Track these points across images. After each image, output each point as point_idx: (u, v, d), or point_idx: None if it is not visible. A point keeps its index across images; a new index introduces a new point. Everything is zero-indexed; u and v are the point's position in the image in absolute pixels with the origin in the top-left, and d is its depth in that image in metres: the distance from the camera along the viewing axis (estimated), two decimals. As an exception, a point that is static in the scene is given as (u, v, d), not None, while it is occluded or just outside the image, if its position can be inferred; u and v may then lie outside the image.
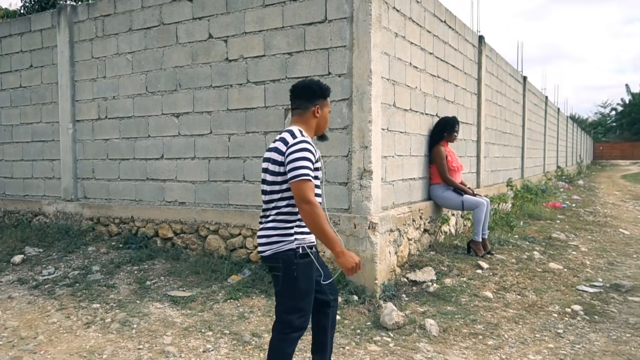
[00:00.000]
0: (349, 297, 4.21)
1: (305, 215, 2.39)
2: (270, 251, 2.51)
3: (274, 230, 2.51)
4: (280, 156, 2.46)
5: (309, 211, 2.38)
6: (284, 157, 2.44)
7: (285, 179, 2.45)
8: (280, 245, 2.49)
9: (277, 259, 2.49)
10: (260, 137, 4.91)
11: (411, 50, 5.12)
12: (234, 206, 5.12)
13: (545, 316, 4.05)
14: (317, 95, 2.65)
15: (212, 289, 4.53)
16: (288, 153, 2.43)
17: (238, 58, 4.99)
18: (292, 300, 2.52)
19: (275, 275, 2.53)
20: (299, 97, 2.64)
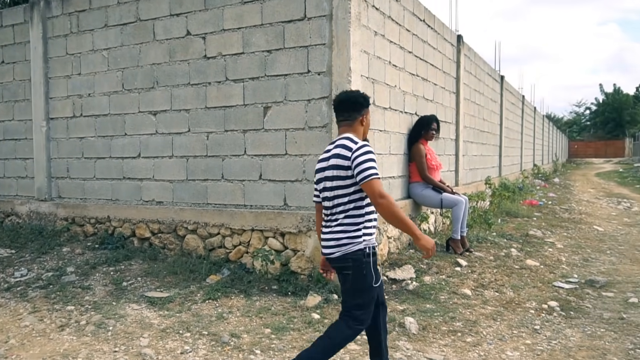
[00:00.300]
0: (329, 296, 4.20)
1: (383, 209, 2.54)
2: (339, 252, 2.65)
3: (343, 232, 2.65)
4: (346, 161, 2.61)
5: (387, 204, 2.53)
6: (350, 161, 2.59)
7: (354, 182, 2.60)
8: (350, 247, 2.63)
9: (346, 259, 2.64)
10: (239, 135, 4.86)
11: (390, 49, 5.13)
12: (213, 205, 5.07)
13: (523, 312, 4.11)
14: (364, 106, 2.84)
15: (190, 290, 4.47)
16: (354, 157, 2.59)
17: (216, 55, 4.93)
18: (361, 297, 2.67)
19: (345, 274, 2.68)
20: (346, 110, 2.81)
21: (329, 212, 2.73)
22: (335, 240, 2.66)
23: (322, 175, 2.76)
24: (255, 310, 4.04)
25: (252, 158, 4.80)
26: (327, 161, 2.73)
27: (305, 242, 4.48)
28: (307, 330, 3.68)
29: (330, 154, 2.72)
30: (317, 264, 4.42)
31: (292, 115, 4.54)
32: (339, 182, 2.64)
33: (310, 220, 4.41)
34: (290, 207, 4.61)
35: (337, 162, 2.64)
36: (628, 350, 3.41)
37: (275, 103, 4.62)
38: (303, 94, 4.46)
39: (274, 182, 4.68)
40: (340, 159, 2.63)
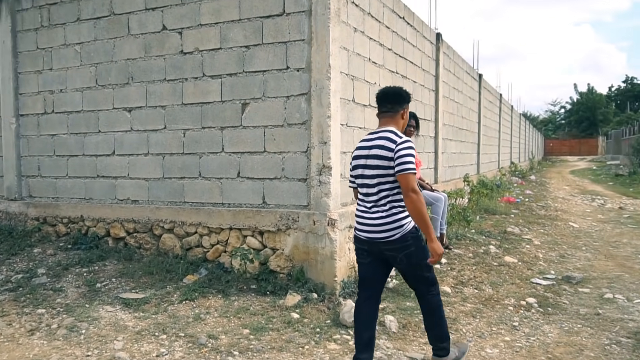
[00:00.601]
0: (309, 295, 4.15)
1: (411, 203, 2.72)
2: (398, 234, 2.82)
3: (394, 216, 2.84)
4: (390, 152, 2.79)
5: (416, 199, 2.72)
6: (393, 153, 2.78)
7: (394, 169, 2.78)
8: (406, 227, 2.83)
9: (406, 239, 2.83)
10: (216, 132, 4.76)
11: (370, 46, 5.10)
12: (190, 204, 4.96)
13: (502, 309, 4.12)
14: (406, 100, 3.03)
15: (166, 290, 4.37)
16: (398, 149, 2.77)
17: (193, 51, 4.83)
18: (426, 265, 2.92)
19: (407, 253, 2.86)
20: (390, 102, 2.98)
21: (371, 198, 2.89)
22: (389, 224, 2.82)
23: (359, 162, 2.94)
24: (234, 310, 3.97)
25: (230, 155, 4.71)
26: (368, 150, 2.89)
27: (285, 241, 4.42)
28: (287, 330, 3.63)
29: (372, 144, 2.88)
30: (297, 262, 4.36)
31: (271, 112, 4.47)
32: (382, 171, 2.82)
33: (289, 219, 4.35)
34: (269, 205, 4.54)
35: (381, 152, 2.82)
36: (604, 346, 3.44)
37: (254, 99, 4.54)
38: (282, 91, 4.40)
39: (253, 180, 4.61)
40: (384, 150, 2.81)
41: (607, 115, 54.66)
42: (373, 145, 2.88)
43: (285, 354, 3.29)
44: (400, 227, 2.82)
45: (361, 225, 2.95)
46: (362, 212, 2.95)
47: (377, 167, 2.84)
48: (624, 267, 5.62)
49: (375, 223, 2.86)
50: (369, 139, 2.94)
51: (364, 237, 2.93)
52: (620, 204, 11.97)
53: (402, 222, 2.82)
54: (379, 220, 2.85)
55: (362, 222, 2.94)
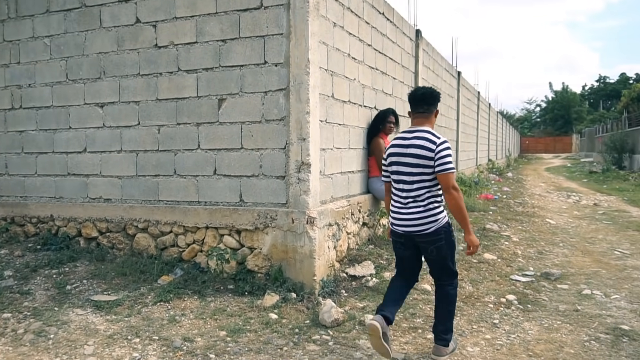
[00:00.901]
0: (287, 295, 4.06)
1: (452, 199, 3.00)
2: (433, 227, 3.06)
3: (431, 210, 3.07)
4: (430, 152, 3.00)
5: (457, 196, 3.00)
6: (434, 153, 2.99)
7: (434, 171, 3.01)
8: (439, 222, 3.07)
9: (439, 233, 3.07)
10: (192, 128, 4.63)
11: (350, 41, 5.02)
12: (165, 202, 4.82)
13: (482, 307, 4.10)
14: (438, 101, 3.21)
15: (140, 292, 4.23)
16: (439, 150, 2.99)
17: (168, 44, 4.68)
18: (453, 258, 3.20)
19: (438, 246, 3.10)
20: (426, 102, 3.16)
21: (409, 194, 3.11)
22: (425, 218, 3.06)
23: (396, 159, 3.16)
24: (210, 311, 3.86)
25: (206, 152, 4.58)
26: (405, 148, 3.10)
27: (263, 240, 4.32)
28: (265, 331, 3.53)
29: (410, 143, 3.09)
30: (275, 262, 4.27)
31: (248, 107, 4.36)
32: (422, 169, 3.04)
33: (267, 217, 4.26)
34: (247, 203, 4.43)
35: (421, 152, 3.03)
36: (584, 342, 3.44)
37: (231, 95, 4.42)
38: (259, 86, 4.29)
39: (229, 178, 4.49)
40: (424, 149, 3.02)
41: (581, 113, 55.85)
42: (411, 144, 3.08)
43: (264, 356, 3.20)
44: (435, 222, 3.06)
45: (397, 220, 3.17)
46: (399, 208, 3.16)
47: (416, 166, 3.05)
48: (600, 263, 5.68)
49: (411, 217, 3.09)
50: (406, 137, 3.14)
51: (400, 231, 3.16)
52: (594, 201, 12.18)
53: (437, 217, 3.07)
54: (416, 215, 3.07)
55: (398, 217, 3.16)
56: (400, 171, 3.13)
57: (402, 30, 6.88)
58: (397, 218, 3.16)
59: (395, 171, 3.17)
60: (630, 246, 6.71)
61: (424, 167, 3.03)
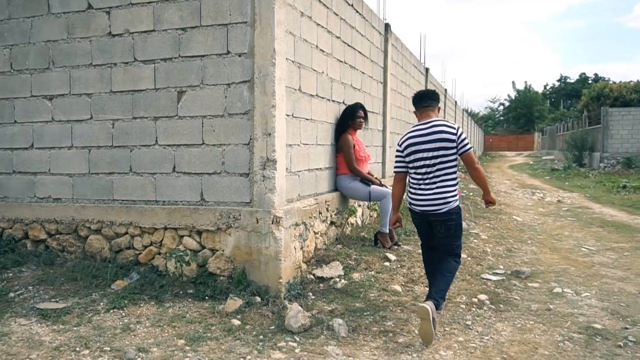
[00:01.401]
0: (251, 299, 3.83)
1: (479, 173, 3.61)
2: (447, 208, 3.53)
3: (447, 192, 3.54)
4: (452, 136, 3.51)
5: (481, 170, 3.64)
6: (456, 136, 3.51)
7: (455, 153, 3.52)
8: (452, 203, 3.55)
9: (451, 213, 3.54)
10: (149, 123, 4.33)
11: (318, 32, 4.82)
12: (120, 202, 4.51)
13: (454, 308, 3.97)
14: (439, 98, 3.79)
15: (92, 298, 3.92)
16: (460, 134, 3.53)
17: (123, 33, 4.36)
18: (460, 238, 3.71)
19: (448, 225, 3.56)
20: (429, 97, 3.74)
21: (428, 177, 3.56)
22: (442, 199, 3.52)
23: (417, 147, 3.58)
24: (168, 318, 3.59)
25: (164, 148, 4.30)
26: (425, 136, 3.55)
27: (225, 241, 4.07)
28: (227, 338, 3.30)
29: (429, 131, 3.55)
30: (238, 264, 4.03)
31: (210, 101, 4.09)
32: (443, 152, 3.50)
33: (230, 217, 4.01)
34: (208, 202, 4.17)
35: (443, 136, 3.51)
36: (558, 343, 3.35)
37: (191, 87, 4.15)
38: (222, 78, 4.04)
39: (190, 175, 4.22)
40: (446, 134, 3.51)
41: (543, 112, 57.38)
42: (432, 132, 3.55)
43: (225, 367, 2.96)
44: (447, 204, 3.52)
45: (416, 201, 3.64)
46: (417, 189, 3.63)
47: (438, 149, 3.52)
48: (568, 260, 5.67)
49: (427, 198, 3.56)
50: (422, 128, 3.61)
51: (418, 210, 3.66)
52: (558, 198, 12.39)
53: (449, 200, 3.53)
54: (432, 196, 3.55)
55: (416, 197, 3.63)
56: (423, 157, 3.56)
57: (371, 23, 6.72)
58: (415, 199, 3.65)
59: (417, 158, 3.59)
60: (596, 242, 6.77)
61: (446, 149, 3.50)
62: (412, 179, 3.69)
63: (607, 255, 5.97)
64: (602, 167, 20.84)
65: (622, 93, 26.90)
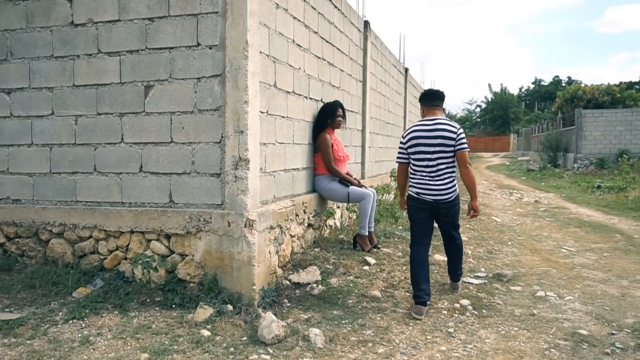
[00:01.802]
0: (223, 307, 3.60)
1: (468, 172, 3.93)
2: (452, 197, 3.95)
3: (451, 183, 3.93)
4: (453, 134, 3.84)
5: (471, 169, 3.96)
6: (455, 135, 3.84)
7: (453, 150, 3.86)
8: (455, 192, 3.98)
9: (455, 201, 4.00)
10: (115, 119, 4.06)
11: (294, 26, 4.61)
12: (83, 203, 4.23)
13: (436, 314, 3.81)
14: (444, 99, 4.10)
15: (50, 307, 3.64)
16: (459, 134, 3.86)
17: (86, 22, 4.08)
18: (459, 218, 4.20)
19: (454, 210, 4.06)
20: (439, 98, 4.07)
21: (431, 169, 3.91)
22: (448, 189, 3.91)
23: (419, 141, 3.90)
24: (132, 329, 3.34)
25: (130, 147, 4.04)
26: (430, 132, 3.87)
27: (195, 245, 3.84)
28: (195, 351, 3.06)
29: (435, 127, 3.88)
30: (209, 270, 3.80)
31: (179, 96, 3.85)
32: (444, 148, 3.85)
33: (200, 220, 3.77)
34: (177, 204, 3.93)
35: (446, 134, 3.84)
36: (543, 351, 3.21)
37: (159, 81, 3.90)
38: (192, 71, 3.80)
39: (158, 175, 3.97)
40: (448, 132, 3.84)
41: (518, 114, 58.19)
42: (436, 129, 3.87)
43: (192, 383, 2.74)
44: (453, 192, 3.96)
45: (426, 191, 3.93)
46: (425, 181, 3.94)
47: (440, 145, 3.84)
48: (549, 262, 5.59)
49: (439, 188, 3.90)
50: (428, 124, 3.92)
51: (430, 200, 3.93)
52: (535, 198, 12.44)
53: (454, 189, 3.96)
54: (442, 186, 3.90)
55: (427, 187, 3.93)
56: (423, 151, 3.89)
57: (350, 19, 6.54)
58: (425, 189, 3.94)
59: (418, 151, 3.92)
60: (575, 243, 6.73)
61: (446, 146, 3.84)
62: (415, 172, 3.99)
63: (587, 257, 5.91)
64: (576, 167, 21.13)
65: (595, 95, 27.39)
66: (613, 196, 12.18)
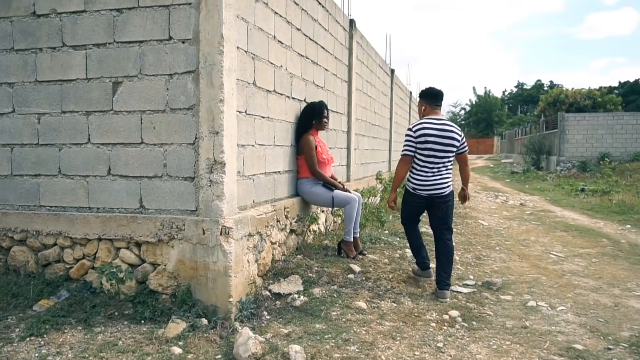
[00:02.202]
0: (196, 322, 3.34)
1: (467, 170, 4.51)
2: (447, 192, 4.26)
3: (448, 179, 4.28)
4: (459, 136, 4.25)
5: (469, 168, 4.52)
6: (460, 137, 4.26)
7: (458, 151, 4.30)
8: (450, 188, 4.31)
9: (450, 196, 4.30)
10: (81, 118, 3.77)
11: (275, 21, 4.36)
12: (48, 208, 3.92)
13: (424, 327, 3.59)
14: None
15: (6, 323, 3.34)
16: (463, 137, 4.30)
17: (49, 13, 3.79)
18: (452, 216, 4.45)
19: (448, 205, 4.32)
20: (442, 99, 4.39)
21: (436, 166, 4.24)
22: (444, 184, 4.25)
23: (430, 138, 4.17)
24: (96, 347, 3.06)
25: (98, 147, 3.75)
26: (439, 131, 4.18)
27: (168, 254, 3.56)
28: (164, 372, 2.80)
29: (442, 128, 4.20)
30: (182, 280, 3.53)
31: (150, 93, 3.58)
32: (451, 149, 4.21)
33: (173, 227, 3.51)
34: (148, 210, 3.65)
35: (454, 136, 4.22)
36: (538, 368, 3.02)
37: (128, 78, 3.62)
38: (163, 67, 3.53)
39: (127, 179, 3.69)
40: (455, 134, 4.22)
41: (502, 117, 58.68)
42: (444, 129, 4.20)
43: (158, 410, 2.47)
44: (448, 187, 4.29)
45: (423, 186, 4.27)
46: (426, 176, 4.26)
47: (448, 145, 4.20)
48: (539, 269, 5.42)
49: (436, 183, 4.25)
50: (435, 123, 4.23)
51: (425, 195, 4.29)
52: (520, 201, 12.37)
53: (450, 184, 4.31)
54: (440, 182, 4.25)
55: (425, 183, 4.26)
56: (433, 148, 4.18)
57: (335, 17, 6.32)
58: (423, 185, 4.26)
59: (428, 147, 4.18)
60: (563, 248, 6.60)
61: (453, 146, 4.22)
62: (419, 166, 4.26)
63: (576, 263, 5.77)
64: (558, 170, 21.22)
65: (577, 99, 27.64)
66: (597, 199, 12.16)
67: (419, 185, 4.27)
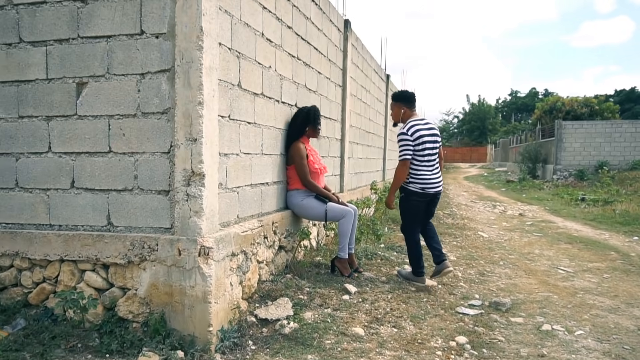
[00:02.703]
0: (171, 354, 2.90)
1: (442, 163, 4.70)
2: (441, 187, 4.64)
3: (440, 175, 4.62)
4: (439, 133, 4.63)
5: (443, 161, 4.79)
6: (440, 134, 4.66)
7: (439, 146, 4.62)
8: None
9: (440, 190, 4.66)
10: (40, 124, 3.34)
11: (264, 17, 3.97)
12: (3, 225, 3.48)
13: (429, 356, 3.18)
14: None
15: (-52, 360, 2.89)
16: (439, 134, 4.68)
17: (5, 5, 3.36)
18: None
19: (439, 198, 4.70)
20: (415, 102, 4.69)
21: (430, 164, 4.50)
22: (441, 181, 4.60)
23: (424, 139, 4.42)
24: (50, 390, 2.62)
25: (60, 157, 3.32)
26: (428, 130, 4.48)
27: (139, 277, 3.13)
28: (127, 423, 2.36)
29: (430, 126, 4.52)
30: (155, 307, 3.10)
31: (119, 95, 3.16)
32: (438, 145, 4.54)
33: (145, 247, 3.08)
34: (117, 227, 3.22)
35: (437, 132, 4.57)
36: (564, 410, 2.61)
37: (94, 78, 3.20)
38: (134, 66, 3.12)
39: (93, 192, 3.26)
40: (438, 131, 4.60)
41: (495, 125, 58.63)
42: (431, 127, 4.51)
43: None
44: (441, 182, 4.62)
45: (431, 184, 4.48)
46: (429, 175, 4.47)
47: (435, 142, 4.50)
48: (548, 286, 5.03)
49: (438, 181, 4.53)
50: (422, 123, 4.50)
51: (433, 192, 4.51)
52: (519, 211, 12.02)
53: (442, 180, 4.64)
54: (439, 178, 4.56)
55: (431, 181, 4.47)
56: (427, 147, 4.42)
57: (329, 17, 5.94)
58: (430, 183, 4.47)
59: (424, 148, 4.41)
60: (570, 262, 6.22)
61: (438, 143, 4.53)
62: (419, 166, 4.45)
63: (587, 279, 5.38)
64: (555, 179, 20.95)
65: (574, 107, 27.50)
66: (599, 209, 11.83)
67: (426, 184, 4.45)
